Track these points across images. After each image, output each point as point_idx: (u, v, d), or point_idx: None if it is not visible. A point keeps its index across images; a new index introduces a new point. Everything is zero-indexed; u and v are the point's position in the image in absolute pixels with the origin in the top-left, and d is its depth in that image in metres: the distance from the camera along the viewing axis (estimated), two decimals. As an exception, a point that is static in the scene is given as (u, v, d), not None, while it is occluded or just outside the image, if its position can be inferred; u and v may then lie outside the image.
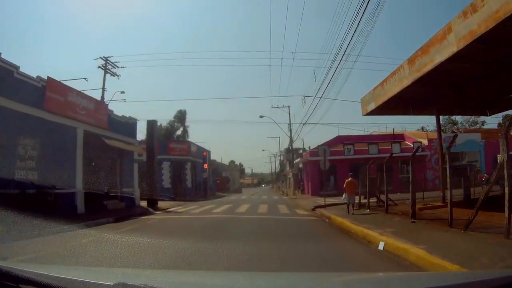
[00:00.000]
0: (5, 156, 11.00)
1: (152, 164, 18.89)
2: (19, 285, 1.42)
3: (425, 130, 37.62)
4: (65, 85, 15.50)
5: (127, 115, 20.30)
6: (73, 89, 15.74)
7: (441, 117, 19.97)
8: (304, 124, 26.11)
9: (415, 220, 9.25)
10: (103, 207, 16.06)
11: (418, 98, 12.51)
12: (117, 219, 12.40)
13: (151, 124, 19.56)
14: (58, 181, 12.49)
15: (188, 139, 40.94)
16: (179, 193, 29.74)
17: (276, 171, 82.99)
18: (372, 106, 15.09)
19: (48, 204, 11.53)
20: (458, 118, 45.26)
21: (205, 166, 34.22)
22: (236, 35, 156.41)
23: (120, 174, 19.30)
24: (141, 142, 22.49)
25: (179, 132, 51.37)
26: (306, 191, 32.64)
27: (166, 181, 30.91)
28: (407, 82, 10.59)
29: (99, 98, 26.23)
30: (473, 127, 42.19)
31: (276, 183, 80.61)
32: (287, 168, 46.92)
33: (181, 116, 54.84)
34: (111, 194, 18.07)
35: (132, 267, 4.57)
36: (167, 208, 18.43)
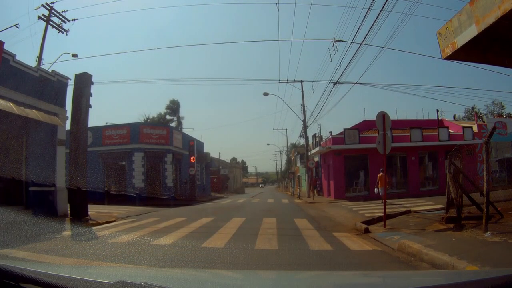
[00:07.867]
0: None
1: (78, 144, 11.09)
2: (19, 283, 1.37)
3: (478, 112, 30.15)
4: None
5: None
6: None
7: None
8: (335, 83, 17.28)
9: None
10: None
11: None
12: None
13: (81, 81, 11.74)
14: None
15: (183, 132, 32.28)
16: (156, 193, 22.47)
17: (282, 169, 75.39)
18: (470, 33, 7.41)
19: None
20: (483, 109, 40.52)
21: (192, 159, 26.23)
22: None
23: (26, 160, 11.57)
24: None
25: (172, 125, 43.41)
26: (326, 192, 24.50)
27: (138, 178, 23.21)
28: None
29: (34, 60, 18.70)
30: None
31: (282, 182, 72.95)
32: (297, 164, 38.92)
33: (173, 107, 47.34)
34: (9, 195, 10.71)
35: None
36: (100, 223, 10.70)
